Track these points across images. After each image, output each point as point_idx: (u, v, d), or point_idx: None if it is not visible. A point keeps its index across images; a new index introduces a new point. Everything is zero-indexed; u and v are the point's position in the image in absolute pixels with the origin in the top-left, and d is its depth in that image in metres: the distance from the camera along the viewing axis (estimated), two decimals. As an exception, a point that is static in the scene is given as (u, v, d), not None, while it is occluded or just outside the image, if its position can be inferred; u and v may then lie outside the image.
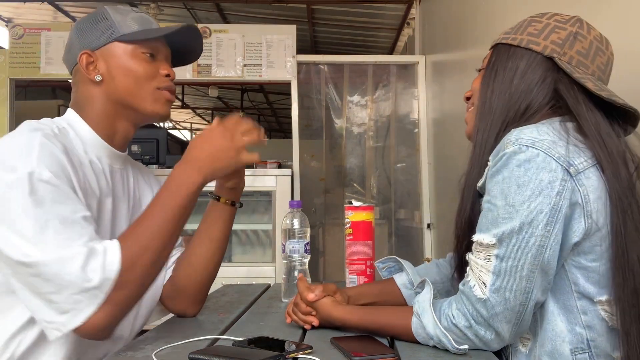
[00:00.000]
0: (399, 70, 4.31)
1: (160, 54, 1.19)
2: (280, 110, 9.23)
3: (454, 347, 0.94)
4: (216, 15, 5.23)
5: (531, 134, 0.91)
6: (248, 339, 1.00)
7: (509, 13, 2.36)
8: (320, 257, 4.37)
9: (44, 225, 0.94)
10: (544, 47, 1.01)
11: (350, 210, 1.45)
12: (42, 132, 1.01)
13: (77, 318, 0.94)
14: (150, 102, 1.16)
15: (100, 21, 1.16)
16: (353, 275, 1.44)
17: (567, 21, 1.03)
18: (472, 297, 0.94)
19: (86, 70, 1.14)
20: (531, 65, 1.01)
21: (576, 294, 0.95)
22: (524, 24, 1.07)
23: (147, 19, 1.19)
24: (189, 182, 1.06)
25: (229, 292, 1.63)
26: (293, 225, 1.43)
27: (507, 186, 0.90)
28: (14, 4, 5.24)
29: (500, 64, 1.04)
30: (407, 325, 1.00)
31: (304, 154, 4.23)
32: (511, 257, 0.90)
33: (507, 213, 0.90)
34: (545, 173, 0.89)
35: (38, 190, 0.95)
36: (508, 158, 0.91)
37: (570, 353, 0.94)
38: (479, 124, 1.04)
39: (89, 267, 0.94)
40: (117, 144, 1.19)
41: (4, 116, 4.09)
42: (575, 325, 0.94)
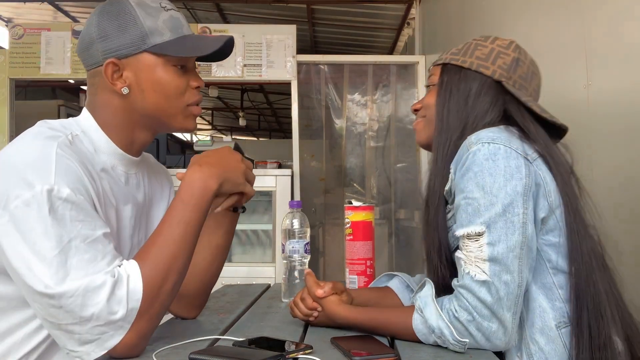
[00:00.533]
0: (399, 70, 4.31)
1: (190, 62, 1.12)
2: (280, 110, 9.23)
3: (455, 339, 0.96)
4: (216, 15, 5.23)
5: (489, 133, 1.03)
6: (248, 339, 1.00)
7: (509, 13, 2.37)
8: (320, 257, 4.37)
9: (66, 247, 0.90)
10: (492, 71, 1.12)
11: (350, 210, 1.46)
12: (57, 142, 0.97)
13: (102, 347, 0.91)
14: (180, 119, 1.11)
15: (129, 24, 1.05)
16: (353, 275, 1.44)
17: (508, 47, 1.15)
18: (474, 285, 0.97)
19: (111, 80, 1.06)
20: (483, 88, 1.12)
21: (551, 270, 1.04)
22: (470, 47, 1.16)
23: (177, 20, 1.09)
24: (204, 189, 1.03)
25: (229, 292, 1.63)
26: (293, 225, 1.43)
27: (481, 178, 1.00)
28: (14, 4, 5.24)
29: (454, 85, 1.14)
30: (408, 322, 1.01)
31: (304, 154, 4.23)
32: (502, 239, 0.97)
33: (487, 201, 0.99)
34: (511, 160, 1.00)
35: (58, 209, 0.91)
36: (474, 155, 1.01)
37: (556, 328, 1.02)
38: (438, 138, 1.13)
39: (114, 299, 0.90)
40: (134, 151, 1.13)
41: (4, 116, 4.08)
42: (555, 301, 1.03)
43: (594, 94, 1.69)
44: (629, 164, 1.53)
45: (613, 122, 1.60)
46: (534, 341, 1.02)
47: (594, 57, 1.69)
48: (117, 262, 0.95)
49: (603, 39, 1.65)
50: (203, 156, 1.07)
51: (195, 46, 1.09)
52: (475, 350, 0.97)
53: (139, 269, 0.95)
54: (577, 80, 1.74)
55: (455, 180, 1.04)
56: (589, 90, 1.70)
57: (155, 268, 0.96)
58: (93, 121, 1.09)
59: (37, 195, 0.90)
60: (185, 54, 1.07)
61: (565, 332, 1.02)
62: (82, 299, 0.89)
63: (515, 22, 2.28)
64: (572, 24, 1.82)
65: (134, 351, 0.95)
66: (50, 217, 0.90)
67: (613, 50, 1.60)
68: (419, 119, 1.22)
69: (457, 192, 1.03)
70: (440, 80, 1.16)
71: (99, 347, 0.91)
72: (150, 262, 0.96)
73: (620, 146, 1.57)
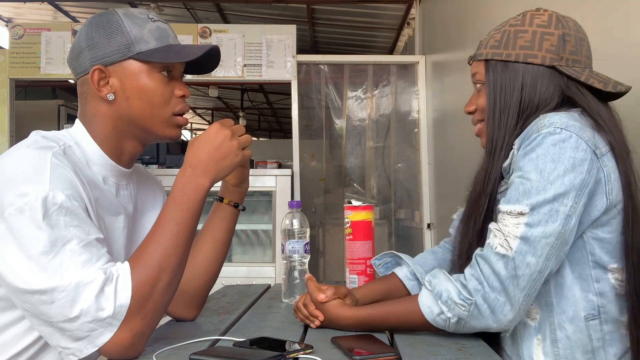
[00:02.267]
0: (399, 70, 4.31)
1: (176, 71, 1.14)
2: (280, 110, 9.22)
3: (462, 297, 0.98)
4: (216, 15, 5.23)
5: (563, 119, 1.01)
6: (249, 340, 1.00)
7: (509, 13, 2.37)
8: (320, 257, 4.37)
9: (61, 250, 0.91)
10: (542, 57, 1.08)
11: (350, 210, 1.46)
12: (52, 151, 0.98)
13: (93, 344, 0.92)
14: (164, 127, 1.12)
15: (115, 33, 1.08)
16: (353, 275, 1.44)
17: (549, 24, 1.09)
18: (492, 256, 0.99)
19: (97, 87, 1.08)
20: (536, 79, 1.08)
21: (592, 263, 1.04)
22: (510, 36, 1.11)
23: (164, 30, 1.12)
24: (196, 189, 1.03)
25: (230, 292, 1.63)
26: (293, 225, 1.43)
27: (543, 162, 0.99)
28: (14, 4, 5.24)
29: (504, 82, 1.10)
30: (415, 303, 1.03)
31: (304, 154, 4.23)
32: (541, 224, 0.98)
33: (541, 186, 0.98)
34: (578, 152, 0.99)
35: (52, 215, 0.92)
36: (543, 138, 1.00)
37: (584, 319, 1.03)
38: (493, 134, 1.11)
39: (103, 295, 0.91)
40: (124, 161, 1.15)
41: (4, 116, 4.08)
42: (588, 293, 1.04)
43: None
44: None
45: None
46: (562, 328, 1.04)
47: (594, 57, 1.69)
48: (111, 263, 0.96)
49: (603, 39, 1.65)
50: (196, 151, 1.06)
51: (179, 53, 1.11)
52: (475, 350, 0.98)
53: (129, 268, 0.96)
54: (577, 80, 1.74)
55: (517, 157, 1.03)
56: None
57: (147, 266, 0.96)
58: (85, 132, 1.11)
59: (31, 202, 0.92)
60: (169, 60, 1.09)
61: (593, 325, 1.03)
62: (73, 294, 0.90)
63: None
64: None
65: (131, 351, 0.95)
66: (44, 222, 0.91)
67: (613, 50, 1.60)
68: (478, 124, 1.18)
69: (516, 169, 1.03)
70: (487, 80, 1.12)
71: (90, 344, 0.92)
72: (141, 261, 0.97)
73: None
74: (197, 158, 1.06)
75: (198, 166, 1.05)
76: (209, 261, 1.22)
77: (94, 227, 0.99)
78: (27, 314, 0.96)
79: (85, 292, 0.90)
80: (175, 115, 1.13)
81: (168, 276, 0.98)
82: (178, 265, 1.01)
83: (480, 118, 1.17)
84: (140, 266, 0.96)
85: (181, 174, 1.05)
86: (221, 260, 1.24)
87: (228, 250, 1.25)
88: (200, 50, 1.11)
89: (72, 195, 0.96)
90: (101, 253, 0.96)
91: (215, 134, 1.07)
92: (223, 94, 8.02)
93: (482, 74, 1.14)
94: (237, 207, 1.23)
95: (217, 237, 1.22)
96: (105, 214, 1.10)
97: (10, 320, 1.01)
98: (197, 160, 1.05)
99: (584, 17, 1.71)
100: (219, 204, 1.23)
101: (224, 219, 1.22)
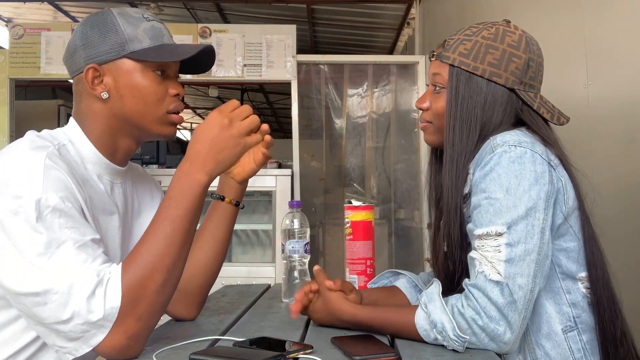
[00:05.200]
0: (399, 70, 4.30)
1: (170, 70, 1.13)
2: (280, 110, 9.22)
3: (456, 334, 0.95)
4: (216, 15, 5.23)
5: (514, 137, 1.03)
6: (249, 340, 1.00)
7: (509, 13, 2.37)
8: (320, 257, 4.37)
9: (55, 251, 0.91)
10: (505, 79, 1.10)
11: (350, 210, 1.46)
12: (46, 152, 0.98)
13: (87, 344, 0.92)
14: (158, 125, 1.12)
15: (109, 32, 1.08)
16: (353, 275, 1.44)
17: (519, 45, 1.11)
18: (487, 285, 0.96)
19: (91, 85, 1.08)
20: (496, 99, 1.11)
21: (560, 275, 1.06)
22: (482, 49, 1.11)
23: (158, 30, 1.12)
24: (192, 184, 1.00)
25: (230, 292, 1.63)
26: (293, 225, 1.43)
27: (506, 180, 0.99)
28: (14, 4, 5.24)
29: (467, 94, 1.11)
30: (411, 319, 1.01)
31: (304, 154, 4.23)
32: (521, 241, 0.97)
33: (511, 203, 0.98)
34: (537, 165, 1.01)
35: (47, 217, 0.92)
36: (500, 157, 1.01)
37: (562, 332, 1.04)
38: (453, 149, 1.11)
39: (94, 298, 0.90)
40: (118, 159, 1.14)
41: (4, 116, 4.08)
42: (562, 306, 1.05)
43: (594, 94, 1.69)
44: (629, 163, 1.53)
45: (613, 122, 1.60)
46: (540, 346, 1.04)
47: (594, 57, 1.69)
48: (107, 265, 0.95)
49: (603, 39, 1.65)
50: (195, 143, 1.03)
51: (172, 52, 1.11)
52: (475, 350, 0.97)
53: (120, 271, 0.94)
54: (577, 80, 1.74)
55: (475, 180, 1.04)
56: (589, 90, 1.70)
57: (138, 267, 0.95)
58: (79, 130, 1.11)
59: (24, 205, 0.92)
60: (162, 59, 1.09)
61: (572, 336, 1.04)
62: (66, 297, 0.90)
63: (515, 21, 2.28)
64: (572, 24, 1.82)
65: (128, 352, 0.94)
66: (38, 224, 0.91)
67: (613, 50, 1.60)
68: (426, 123, 1.19)
69: (477, 192, 1.03)
70: (450, 87, 1.12)
71: (85, 344, 0.92)
72: (133, 262, 0.95)
73: (620, 146, 1.57)
74: (194, 150, 1.03)
75: (195, 160, 1.02)
76: (209, 260, 1.20)
77: (89, 227, 0.98)
78: (23, 314, 0.96)
79: (77, 294, 0.90)
80: (170, 114, 1.13)
81: (161, 277, 0.96)
82: (173, 265, 0.98)
83: (430, 120, 1.17)
84: (132, 267, 0.95)
85: (178, 170, 1.03)
86: (221, 259, 1.23)
87: (228, 248, 1.24)
88: (193, 50, 1.11)
89: (65, 197, 0.95)
90: (97, 254, 0.95)
91: (213, 123, 1.04)
92: (223, 94, 8.01)
93: (444, 78, 1.14)
94: (238, 206, 1.21)
95: (218, 237, 1.20)
96: (100, 214, 1.09)
97: (8, 318, 1.01)
98: (194, 152, 1.03)
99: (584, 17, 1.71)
100: (218, 203, 1.20)
101: (224, 218, 1.20)
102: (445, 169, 1.12)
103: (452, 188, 1.10)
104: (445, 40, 1.17)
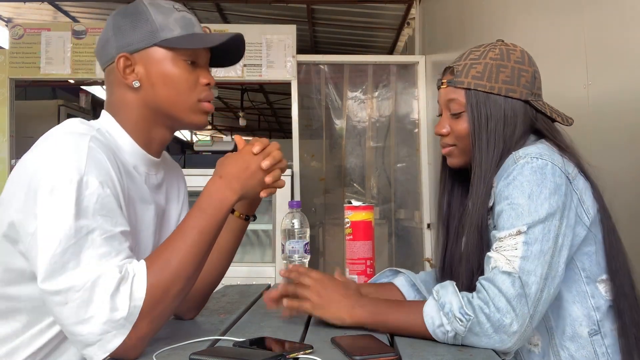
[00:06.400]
0: (399, 70, 4.31)
1: (201, 59, 1.13)
2: (280, 110, 9.22)
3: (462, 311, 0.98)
4: (216, 15, 5.23)
5: (535, 149, 1.09)
6: (249, 340, 1.00)
7: (509, 13, 2.37)
8: (320, 257, 4.37)
9: (82, 237, 0.91)
10: (520, 93, 1.16)
11: (350, 210, 1.46)
12: (89, 136, 0.98)
13: (103, 350, 0.91)
14: (190, 113, 1.12)
15: (141, 20, 1.08)
16: (353, 275, 1.44)
17: (523, 60, 1.18)
18: (498, 276, 1.00)
19: (123, 74, 1.08)
20: (516, 112, 1.16)
21: (585, 279, 1.10)
22: (493, 69, 1.16)
23: (189, 20, 1.12)
24: (224, 199, 1.04)
25: (230, 292, 1.63)
26: (293, 225, 1.43)
27: (528, 187, 1.05)
28: (14, 4, 5.23)
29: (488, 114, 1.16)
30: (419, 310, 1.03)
31: (304, 154, 4.23)
32: (537, 242, 1.02)
33: (532, 207, 1.04)
34: (556, 177, 1.06)
35: (83, 200, 0.92)
36: (522, 167, 1.07)
37: (588, 335, 1.07)
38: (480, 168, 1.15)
39: (118, 294, 0.90)
40: (154, 150, 1.14)
41: (4, 116, 4.08)
42: (589, 310, 1.09)
43: (594, 94, 1.68)
44: (629, 163, 1.53)
45: (613, 122, 1.60)
46: (564, 348, 1.07)
47: (594, 57, 1.69)
48: (129, 260, 0.95)
49: (603, 39, 1.65)
50: (226, 164, 1.08)
51: (204, 39, 1.11)
52: (475, 350, 0.98)
53: (145, 269, 0.95)
54: (577, 80, 1.74)
55: (499, 190, 1.09)
56: (589, 90, 1.70)
57: (163, 271, 0.95)
58: (114, 121, 1.11)
59: (65, 184, 0.92)
60: (193, 46, 1.10)
61: (596, 340, 1.07)
62: (89, 294, 0.89)
63: (515, 22, 2.28)
64: (572, 24, 1.82)
65: (132, 353, 0.94)
66: (74, 207, 0.91)
67: (613, 50, 1.60)
68: (449, 147, 1.23)
69: (500, 200, 1.08)
70: (470, 108, 1.17)
71: (101, 350, 0.91)
72: (158, 265, 0.96)
73: (620, 146, 1.57)
74: (226, 170, 1.07)
75: (227, 177, 1.06)
76: (213, 268, 1.21)
77: (122, 217, 0.98)
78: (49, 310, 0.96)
79: (100, 290, 0.90)
80: (201, 102, 1.13)
81: (182, 284, 0.98)
82: (193, 273, 1.00)
83: (453, 143, 1.21)
84: (157, 268, 0.95)
85: (210, 184, 1.05)
86: (224, 268, 1.24)
87: (233, 256, 1.25)
88: (224, 37, 1.11)
89: (105, 182, 0.95)
90: (122, 248, 0.95)
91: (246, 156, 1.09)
92: (223, 94, 8.02)
93: (461, 101, 1.18)
94: (247, 220, 1.23)
95: (224, 248, 1.22)
96: (137, 203, 1.09)
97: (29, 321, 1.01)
98: (226, 172, 1.06)
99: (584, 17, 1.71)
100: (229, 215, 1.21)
101: (232, 231, 1.22)
102: (474, 188, 1.15)
103: (478, 205, 1.13)
104: (448, 67, 1.22)
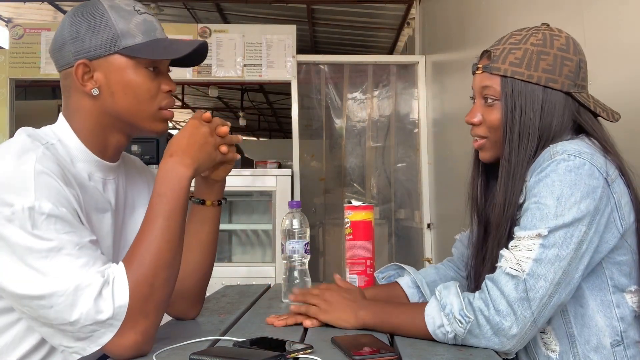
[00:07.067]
0: (399, 70, 4.31)
1: (163, 66, 1.11)
2: (280, 110, 9.22)
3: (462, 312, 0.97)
4: (216, 15, 5.23)
5: (575, 146, 1.01)
6: (249, 340, 1.00)
7: (509, 12, 2.37)
8: (320, 257, 4.37)
9: (56, 255, 0.90)
10: (561, 83, 1.08)
11: (349, 209, 1.46)
12: (36, 156, 0.95)
13: (95, 344, 0.92)
14: (150, 122, 1.10)
15: (101, 26, 1.04)
16: (353, 275, 1.44)
17: (568, 48, 1.09)
18: (502, 278, 0.98)
19: (81, 82, 1.05)
20: (555, 104, 1.08)
21: (612, 288, 1.04)
22: (532, 56, 1.08)
23: (150, 23, 1.09)
24: (179, 178, 1.01)
25: (230, 292, 1.63)
26: (293, 225, 1.43)
27: (559, 188, 0.98)
28: (14, 4, 5.24)
29: (523, 103, 1.08)
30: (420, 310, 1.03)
31: (304, 154, 4.23)
32: (556, 246, 0.97)
33: (559, 210, 0.98)
34: (592, 179, 0.99)
35: (42, 225, 0.91)
36: (557, 164, 1.00)
37: (610, 346, 1.03)
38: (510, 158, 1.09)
39: (101, 298, 0.91)
40: (109, 156, 1.12)
41: (4, 116, 4.09)
42: (612, 320, 1.04)
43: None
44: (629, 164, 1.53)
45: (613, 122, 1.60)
46: (588, 358, 1.03)
47: (594, 57, 1.69)
48: (107, 265, 0.95)
49: (603, 39, 1.65)
50: (173, 143, 1.05)
51: (167, 49, 1.08)
52: (475, 350, 0.97)
53: (124, 268, 0.95)
54: (577, 80, 1.74)
55: (529, 186, 1.03)
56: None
57: (141, 267, 0.96)
58: (68, 128, 1.09)
59: (17, 212, 0.90)
60: (156, 57, 1.07)
61: (619, 351, 1.03)
62: (72, 298, 0.90)
63: (515, 22, 2.28)
64: (572, 24, 1.82)
65: (140, 350, 0.95)
66: (35, 231, 0.90)
67: (613, 50, 1.60)
68: (481, 140, 1.15)
69: (529, 197, 1.02)
70: (505, 98, 1.09)
71: (93, 343, 0.92)
72: (135, 262, 0.96)
73: (620, 146, 1.57)
74: (174, 148, 1.04)
75: (177, 154, 1.03)
76: (199, 261, 1.20)
77: (85, 230, 0.98)
78: (26, 317, 0.96)
79: (83, 295, 0.90)
80: (161, 110, 1.11)
81: (164, 272, 0.98)
82: (173, 259, 1.00)
83: (485, 134, 1.14)
84: (135, 266, 0.95)
85: (162, 166, 1.03)
86: (211, 259, 1.23)
87: (217, 246, 1.23)
88: (189, 47, 1.08)
89: (59, 202, 0.94)
90: (97, 255, 0.95)
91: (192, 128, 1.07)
92: (223, 94, 8.02)
93: (496, 89, 1.10)
94: (220, 204, 1.21)
95: (203, 239, 1.20)
96: (93, 212, 1.08)
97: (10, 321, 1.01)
98: (174, 149, 1.04)
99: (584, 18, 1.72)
100: (199, 207, 1.19)
101: (206, 221, 1.20)
102: (501, 184, 1.09)
103: (505, 204, 1.08)
104: (486, 51, 1.14)
